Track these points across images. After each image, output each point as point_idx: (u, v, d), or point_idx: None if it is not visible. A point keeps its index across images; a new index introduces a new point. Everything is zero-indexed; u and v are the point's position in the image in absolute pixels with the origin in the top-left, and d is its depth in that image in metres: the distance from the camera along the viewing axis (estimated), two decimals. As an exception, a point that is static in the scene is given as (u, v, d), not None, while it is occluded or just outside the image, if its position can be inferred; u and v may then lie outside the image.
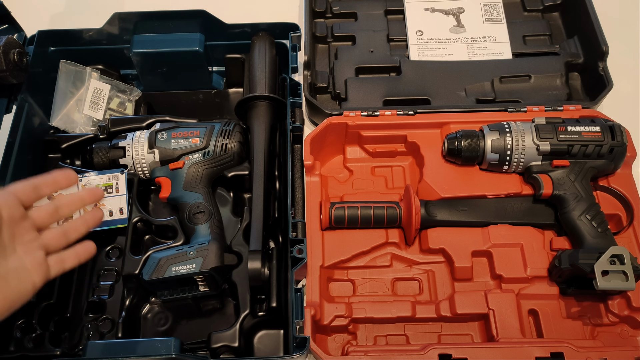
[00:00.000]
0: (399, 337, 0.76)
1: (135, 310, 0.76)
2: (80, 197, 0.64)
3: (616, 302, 0.75)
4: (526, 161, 0.79)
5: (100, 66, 0.92)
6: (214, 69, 0.95)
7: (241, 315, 0.72)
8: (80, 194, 0.65)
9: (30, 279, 0.56)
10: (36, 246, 0.57)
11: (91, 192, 0.65)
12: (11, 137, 0.79)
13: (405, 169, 0.88)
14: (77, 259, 0.62)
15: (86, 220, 0.65)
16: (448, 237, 0.79)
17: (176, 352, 0.60)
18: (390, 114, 0.85)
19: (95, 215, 0.66)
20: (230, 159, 0.81)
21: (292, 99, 0.83)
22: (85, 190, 0.65)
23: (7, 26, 0.87)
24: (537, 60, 0.95)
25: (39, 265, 0.57)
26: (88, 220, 0.65)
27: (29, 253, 0.56)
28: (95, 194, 0.66)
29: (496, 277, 0.77)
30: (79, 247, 0.63)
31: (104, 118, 0.90)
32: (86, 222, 0.64)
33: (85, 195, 0.65)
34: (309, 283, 0.75)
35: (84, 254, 0.63)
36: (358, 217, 0.79)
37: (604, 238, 0.73)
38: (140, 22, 0.88)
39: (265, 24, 0.89)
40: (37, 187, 0.60)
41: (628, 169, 0.82)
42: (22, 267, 0.55)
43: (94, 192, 0.66)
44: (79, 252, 0.63)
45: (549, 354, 0.68)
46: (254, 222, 0.74)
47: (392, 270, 0.80)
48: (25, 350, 0.70)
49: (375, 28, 1.01)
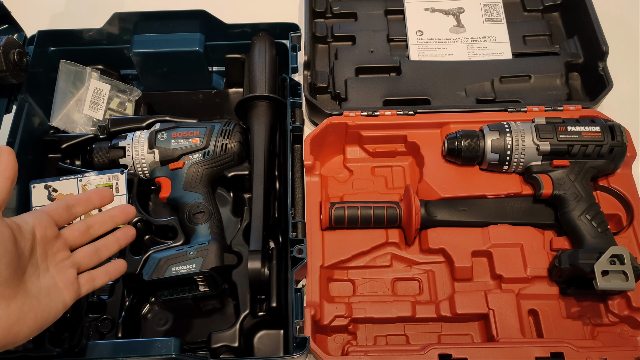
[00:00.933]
0: (399, 337, 0.76)
1: (135, 310, 0.76)
2: (112, 215, 0.63)
3: (616, 302, 0.75)
4: (526, 161, 0.79)
5: (100, 66, 0.92)
6: (214, 69, 0.95)
7: (241, 315, 0.72)
8: (111, 212, 0.63)
9: (62, 298, 0.55)
10: (68, 265, 0.57)
11: (123, 211, 0.64)
12: (11, 137, 0.79)
13: (405, 169, 0.88)
14: (108, 276, 0.62)
15: (118, 239, 0.64)
16: (448, 237, 0.79)
17: (176, 352, 0.60)
18: (390, 114, 0.85)
19: (127, 233, 0.65)
20: (230, 159, 0.81)
21: (292, 99, 0.83)
22: (117, 209, 0.64)
23: (7, 26, 0.87)
24: (537, 60, 0.95)
25: (70, 284, 0.56)
26: (120, 239, 0.64)
27: (60, 272, 0.56)
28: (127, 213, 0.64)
29: (496, 277, 0.77)
30: (110, 265, 0.63)
31: (104, 118, 0.90)
32: (118, 241, 0.63)
33: (117, 213, 0.64)
34: (309, 283, 0.75)
35: (114, 271, 0.63)
36: (358, 217, 0.79)
37: (604, 238, 0.73)
38: (140, 22, 0.88)
39: (265, 24, 0.89)
40: (70, 206, 0.59)
41: (628, 169, 0.82)
42: (54, 286, 0.55)
43: (125, 211, 0.64)
44: (109, 270, 0.62)
45: (549, 354, 0.68)
46: (254, 222, 0.74)
47: (392, 270, 0.80)
48: (25, 350, 0.70)
49: (375, 28, 1.01)
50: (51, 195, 0.79)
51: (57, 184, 0.79)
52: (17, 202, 0.78)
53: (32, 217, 0.55)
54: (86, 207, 0.61)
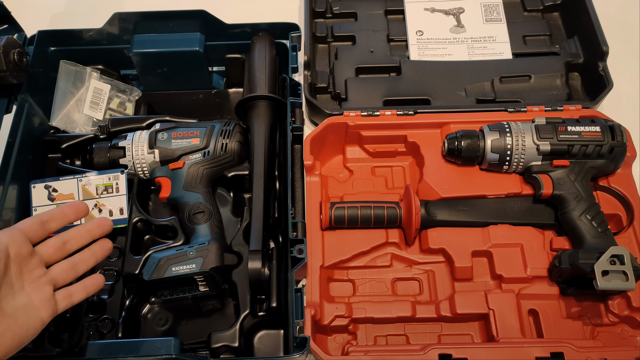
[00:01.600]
0: (399, 337, 0.76)
1: (135, 310, 0.76)
2: (88, 230, 0.63)
3: (616, 302, 0.75)
4: (526, 161, 0.79)
5: (100, 66, 0.92)
6: (214, 69, 0.95)
7: (241, 315, 0.72)
8: (87, 226, 0.63)
9: (39, 315, 0.55)
10: (44, 282, 0.57)
11: (99, 225, 0.63)
12: (11, 137, 0.79)
13: (405, 169, 0.88)
14: (86, 292, 0.61)
15: (95, 252, 0.63)
16: (448, 237, 0.79)
17: (176, 352, 0.60)
18: (390, 114, 0.85)
19: (104, 246, 0.64)
20: (230, 159, 0.81)
21: (292, 99, 0.83)
22: (93, 223, 0.63)
23: (7, 26, 0.87)
24: (537, 60, 0.95)
25: (46, 301, 0.56)
26: (97, 252, 0.63)
27: (37, 290, 0.55)
28: (103, 226, 0.64)
29: (496, 277, 0.77)
30: (88, 280, 0.62)
31: (104, 118, 0.90)
32: (95, 254, 0.63)
33: (93, 227, 0.63)
34: (309, 283, 0.75)
35: (92, 286, 0.62)
36: (358, 217, 0.79)
37: (604, 238, 0.73)
38: (140, 22, 0.88)
39: (265, 24, 0.89)
40: (44, 222, 0.58)
41: (628, 169, 0.82)
42: (30, 304, 0.54)
43: (101, 224, 0.64)
44: (87, 286, 0.61)
45: (549, 354, 0.68)
46: (254, 222, 0.74)
47: (392, 270, 0.80)
48: (24, 350, 0.69)
49: (375, 28, 1.01)
50: (51, 195, 0.79)
51: (57, 184, 0.79)
52: (17, 202, 0.78)
53: (5, 235, 0.54)
54: (61, 222, 0.60)
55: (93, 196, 0.79)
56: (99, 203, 0.78)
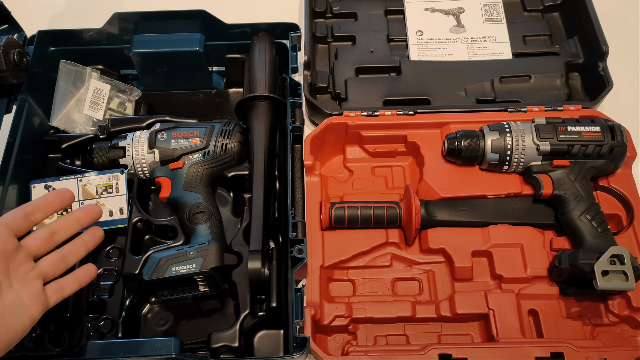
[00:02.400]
0: (399, 337, 0.76)
1: (135, 310, 0.76)
2: (76, 218, 0.60)
3: (616, 302, 0.75)
4: (526, 161, 0.79)
5: (100, 66, 0.92)
6: (214, 69, 0.95)
7: (241, 315, 0.72)
8: (75, 215, 0.60)
9: (28, 313, 0.52)
10: (33, 277, 0.54)
11: (87, 212, 0.61)
12: (11, 137, 0.79)
13: (405, 169, 0.88)
14: (78, 283, 0.59)
15: (85, 242, 0.61)
16: (448, 237, 0.79)
17: (176, 352, 0.60)
18: (390, 114, 0.85)
19: (94, 235, 0.62)
20: (230, 159, 0.81)
21: (292, 99, 0.83)
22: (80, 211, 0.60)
23: (7, 26, 0.87)
24: (537, 60, 0.95)
25: (36, 297, 0.53)
26: (87, 242, 0.61)
27: (25, 286, 0.53)
28: (92, 213, 0.61)
29: (496, 277, 0.77)
30: (79, 271, 0.60)
31: (104, 118, 0.90)
32: (85, 244, 0.60)
33: (82, 215, 0.60)
34: (309, 283, 0.75)
35: (84, 277, 0.60)
36: (358, 217, 0.79)
37: (604, 238, 0.73)
38: (140, 22, 0.88)
39: (265, 24, 0.89)
40: (28, 214, 0.56)
41: (628, 169, 0.82)
42: (19, 303, 0.52)
43: (90, 211, 0.61)
44: (79, 277, 0.59)
45: (549, 354, 0.68)
46: (254, 222, 0.74)
47: (392, 270, 0.80)
48: (25, 350, 0.70)
49: (375, 28, 1.01)
50: None
51: (57, 184, 0.79)
52: (17, 202, 0.78)
53: None
54: (45, 212, 0.57)
55: (93, 196, 0.79)
56: (99, 203, 0.78)
